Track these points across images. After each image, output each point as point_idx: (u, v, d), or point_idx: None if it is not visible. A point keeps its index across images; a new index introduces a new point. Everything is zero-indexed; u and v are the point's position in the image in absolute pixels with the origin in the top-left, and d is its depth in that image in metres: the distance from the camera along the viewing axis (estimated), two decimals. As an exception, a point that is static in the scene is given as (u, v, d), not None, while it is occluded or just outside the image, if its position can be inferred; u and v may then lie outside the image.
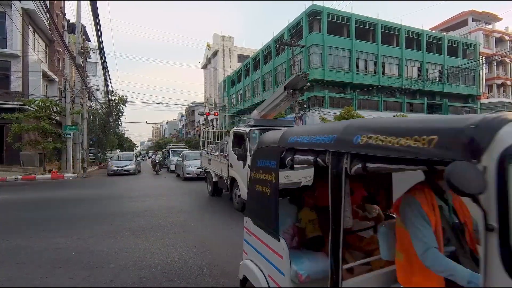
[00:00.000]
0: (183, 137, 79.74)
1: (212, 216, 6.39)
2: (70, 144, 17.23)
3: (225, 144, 7.76)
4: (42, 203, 8.39)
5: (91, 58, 27.98)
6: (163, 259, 3.81)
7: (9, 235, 4.98)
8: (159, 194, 9.90)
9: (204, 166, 9.80)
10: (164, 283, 3.15)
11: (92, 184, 13.14)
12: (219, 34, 74.25)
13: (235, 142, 6.96)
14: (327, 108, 27.27)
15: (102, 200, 8.72)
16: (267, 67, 37.16)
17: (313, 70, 27.98)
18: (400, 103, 32.16)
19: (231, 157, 6.84)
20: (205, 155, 9.63)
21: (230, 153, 6.91)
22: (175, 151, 20.48)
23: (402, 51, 31.96)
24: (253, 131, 6.44)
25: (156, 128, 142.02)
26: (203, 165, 9.93)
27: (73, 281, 3.22)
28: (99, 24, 13.77)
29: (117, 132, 41.91)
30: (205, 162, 9.54)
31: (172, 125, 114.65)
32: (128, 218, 6.18)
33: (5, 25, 17.79)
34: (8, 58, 18.25)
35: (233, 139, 6.99)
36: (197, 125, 72.53)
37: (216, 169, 8.17)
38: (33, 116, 15.73)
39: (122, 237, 4.80)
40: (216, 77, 72.07)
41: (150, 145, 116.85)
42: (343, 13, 29.09)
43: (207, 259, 3.80)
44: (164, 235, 4.91)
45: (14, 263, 3.73)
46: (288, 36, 31.40)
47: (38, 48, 20.53)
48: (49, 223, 5.88)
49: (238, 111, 45.44)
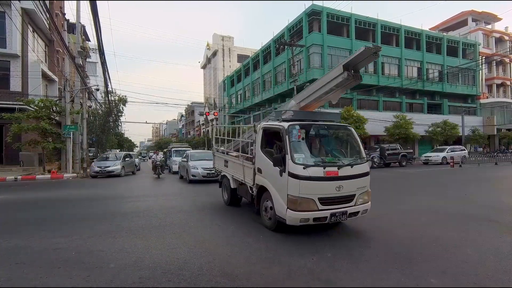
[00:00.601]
0: (183, 137, 79.73)
1: (213, 216, 6.38)
2: (69, 144, 17.22)
3: (245, 142, 6.54)
4: (41, 203, 8.38)
5: (91, 58, 27.94)
6: (163, 259, 3.81)
7: (9, 235, 4.97)
8: (159, 194, 9.89)
9: (218, 168, 8.11)
10: (164, 283, 3.15)
11: (91, 184, 13.13)
12: (219, 34, 74.24)
13: (265, 141, 5.47)
14: (327, 108, 27.22)
15: (102, 200, 8.71)
16: (267, 67, 37.16)
17: (312, 70, 27.98)
18: (400, 103, 32.18)
19: (259, 160, 5.32)
20: (219, 155, 7.97)
21: (258, 155, 5.39)
22: (177, 151, 19.36)
23: (401, 51, 31.99)
24: (294, 127, 4.87)
25: (155, 128, 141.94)
26: (217, 167, 8.21)
27: (73, 281, 3.22)
28: (98, 24, 13.76)
29: (117, 132, 41.93)
30: (220, 163, 7.87)
31: (172, 125, 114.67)
32: (128, 218, 6.17)
33: (5, 25, 17.79)
34: (8, 58, 18.25)
35: (262, 137, 5.42)
36: (197, 125, 72.53)
37: (235, 173, 6.61)
38: (32, 116, 15.74)
39: (122, 237, 4.80)
40: (216, 77, 72.04)
41: (150, 145, 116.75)
42: (343, 13, 29.11)
43: (207, 259, 3.80)
44: (164, 235, 4.91)
45: (13, 263, 3.73)
46: (288, 36, 31.41)
47: (38, 48, 20.52)
48: (49, 223, 5.88)
49: (238, 111, 45.45)
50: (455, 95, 35.98)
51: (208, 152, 15.38)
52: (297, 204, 4.34)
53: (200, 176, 12.10)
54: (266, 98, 36.95)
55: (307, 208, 4.35)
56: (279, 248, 4.21)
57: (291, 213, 4.38)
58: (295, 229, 4.74)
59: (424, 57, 33.33)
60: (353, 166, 4.69)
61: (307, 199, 4.34)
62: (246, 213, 6.43)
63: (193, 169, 12.36)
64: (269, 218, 5.09)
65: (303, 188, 4.33)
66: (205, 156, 13.59)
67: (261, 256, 3.94)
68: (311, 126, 5.42)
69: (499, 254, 3.94)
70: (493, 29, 42.47)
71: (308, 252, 4.02)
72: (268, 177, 5.06)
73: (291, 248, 4.21)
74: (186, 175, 13.19)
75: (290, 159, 4.47)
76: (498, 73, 42.32)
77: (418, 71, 33.50)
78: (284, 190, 4.52)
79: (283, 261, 3.74)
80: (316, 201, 4.37)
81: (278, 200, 4.69)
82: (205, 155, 14.13)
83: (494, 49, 41.21)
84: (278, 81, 34.57)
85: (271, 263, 3.68)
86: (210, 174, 11.76)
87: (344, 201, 4.59)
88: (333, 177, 4.45)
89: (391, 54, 31.68)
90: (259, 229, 5.17)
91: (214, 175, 11.15)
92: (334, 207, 4.49)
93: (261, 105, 39.17)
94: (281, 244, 4.37)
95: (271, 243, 4.44)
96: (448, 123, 27.46)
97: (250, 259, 3.85)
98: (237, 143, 7.16)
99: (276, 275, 3.36)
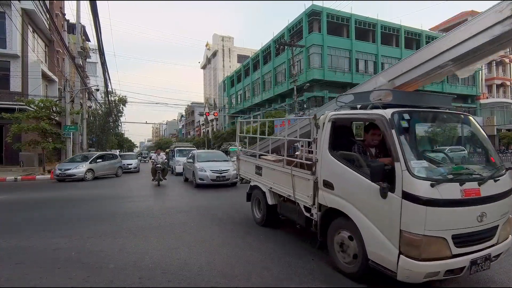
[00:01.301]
0: (183, 137, 79.76)
1: (213, 217, 6.37)
2: (69, 144, 17.24)
3: (296, 140, 5.02)
4: (41, 203, 8.38)
5: (91, 58, 27.98)
6: (163, 260, 3.81)
7: (9, 235, 4.97)
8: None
9: (246, 176, 6.19)
10: (164, 284, 3.15)
11: (92, 184, 13.12)
12: (218, 34, 74.29)
13: (338, 140, 3.60)
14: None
15: (101, 200, 8.71)
16: (267, 67, 37.17)
17: (312, 70, 28.00)
18: (400, 103, 32.16)
19: (329, 168, 3.51)
20: (247, 158, 6.18)
21: (325, 161, 3.56)
22: (181, 151, 17.98)
23: (401, 51, 31.99)
24: (403, 115, 2.99)
25: (155, 129, 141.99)
26: (245, 174, 6.21)
27: (73, 281, 3.22)
28: (98, 24, 13.80)
29: (117, 132, 41.96)
30: (249, 169, 5.92)
31: (172, 125, 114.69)
32: (128, 218, 6.17)
33: (5, 25, 17.80)
34: (8, 58, 18.26)
35: (331, 134, 3.57)
36: (197, 125, 72.54)
37: (277, 185, 4.76)
38: (32, 116, 15.74)
39: (122, 238, 4.80)
40: (216, 77, 72.08)
41: (149, 145, 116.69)
42: (343, 13, 29.12)
43: (207, 260, 3.80)
44: (163, 235, 4.91)
45: (13, 263, 3.73)
46: (288, 36, 31.41)
47: (38, 48, 20.53)
48: (49, 223, 5.88)
49: (238, 111, 45.47)
50: (455, 95, 36.02)
51: (217, 153, 14.18)
52: (421, 247, 2.57)
53: (208, 179, 10.75)
54: (266, 98, 36.97)
55: (437, 254, 2.62)
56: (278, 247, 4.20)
57: (409, 264, 2.60)
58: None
59: (424, 57, 33.33)
60: (496, 180, 2.92)
61: (436, 238, 2.61)
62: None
63: (200, 171, 10.97)
64: (350, 261, 3.24)
65: (431, 220, 2.58)
66: (214, 157, 12.56)
67: (261, 256, 3.94)
68: (426, 114, 3.47)
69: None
70: (493, 30, 42.51)
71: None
72: (350, 198, 3.20)
73: (289, 248, 4.21)
74: (192, 178, 11.86)
75: (405, 169, 2.66)
76: (498, 74, 42.32)
77: (418, 71, 33.50)
78: (392, 222, 2.74)
79: (283, 261, 3.74)
80: (449, 241, 2.64)
81: (376, 237, 2.88)
82: (213, 155, 13.04)
83: (494, 50, 41.25)
84: (278, 81, 34.58)
85: (272, 263, 3.69)
86: (220, 178, 10.82)
87: (485, 239, 2.85)
88: (474, 200, 2.72)
89: (390, 54, 31.70)
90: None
91: (224, 178, 10.79)
92: (474, 248, 2.77)
93: (261, 105, 39.19)
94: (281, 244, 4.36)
95: (270, 243, 4.43)
96: (448, 123, 27.48)
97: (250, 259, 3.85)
98: (278, 143, 5.62)
99: (277, 275, 3.36)
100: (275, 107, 33.90)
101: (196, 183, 11.01)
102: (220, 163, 11.56)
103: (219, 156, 12.99)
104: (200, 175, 10.84)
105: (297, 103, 22.87)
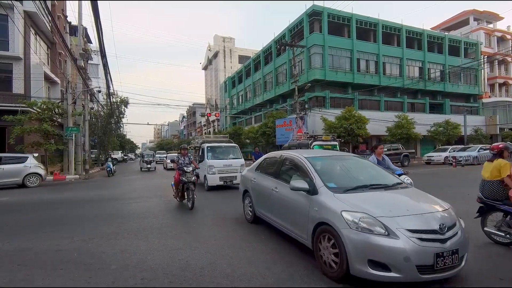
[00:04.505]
0: (185, 138, 79.87)
1: (214, 217, 6.37)
2: (72, 146, 17.29)
3: None
4: (43, 204, 8.41)
5: (93, 60, 28.04)
6: (165, 260, 3.81)
7: (11, 237, 4.99)
8: (160, 195, 9.89)
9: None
10: (166, 284, 3.14)
11: (93, 185, 13.16)
12: (220, 35, 74.46)
13: None
14: (328, 108, 27.24)
15: (103, 202, 8.72)
16: (268, 67, 37.19)
17: (313, 70, 27.97)
18: (402, 103, 32.08)
19: None
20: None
21: None
22: (213, 149, 11.18)
23: (403, 51, 31.92)
24: None
25: (157, 130, 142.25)
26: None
27: (75, 282, 3.22)
28: (100, 25, 13.81)
29: (119, 133, 42.04)
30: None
31: (173, 126, 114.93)
32: (129, 219, 6.18)
33: (7, 28, 17.87)
34: (10, 61, 18.33)
35: None
36: (198, 126, 72.65)
37: None
38: (35, 118, 15.82)
39: (123, 238, 4.80)
40: (217, 78, 72.19)
41: (151, 146, 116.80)
42: (344, 13, 29.09)
43: (209, 260, 3.79)
44: (165, 236, 4.91)
45: (15, 264, 3.74)
46: (289, 36, 31.43)
47: (40, 50, 20.61)
48: (51, 224, 5.90)
49: (239, 112, 45.50)
50: (457, 94, 35.84)
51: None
52: None
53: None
54: (267, 98, 36.97)
55: None
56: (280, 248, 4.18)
57: None
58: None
59: (426, 56, 33.23)
60: None
61: None
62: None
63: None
64: None
65: None
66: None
67: (262, 257, 3.92)
68: None
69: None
70: (495, 28, 42.30)
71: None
72: None
73: (291, 248, 4.19)
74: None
75: None
76: (500, 73, 42.11)
77: (420, 71, 33.40)
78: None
79: (285, 261, 3.72)
80: None
81: None
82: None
83: (496, 48, 41.04)
84: (279, 81, 34.58)
85: (273, 264, 3.67)
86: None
87: None
88: None
89: (392, 54, 31.62)
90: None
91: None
92: None
93: (262, 105, 39.19)
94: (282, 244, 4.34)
95: (272, 243, 4.42)
96: (450, 123, 27.31)
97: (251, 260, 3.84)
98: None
99: (279, 275, 3.35)
100: (277, 107, 33.88)
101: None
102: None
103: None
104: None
105: (298, 103, 22.85)
